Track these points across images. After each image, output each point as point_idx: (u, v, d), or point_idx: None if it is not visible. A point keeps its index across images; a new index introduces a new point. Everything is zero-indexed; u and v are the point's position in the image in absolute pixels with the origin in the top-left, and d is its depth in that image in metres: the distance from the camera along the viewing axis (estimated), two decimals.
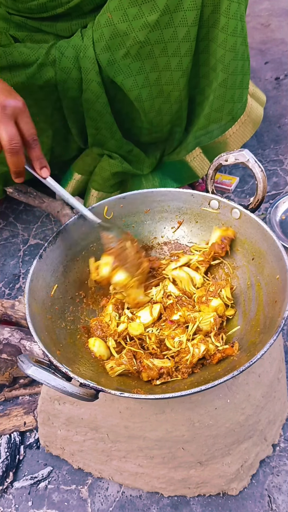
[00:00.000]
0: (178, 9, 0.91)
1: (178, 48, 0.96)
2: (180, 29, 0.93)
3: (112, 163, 1.12)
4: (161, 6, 0.89)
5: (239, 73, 1.02)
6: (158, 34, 0.93)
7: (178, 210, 0.93)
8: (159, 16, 0.90)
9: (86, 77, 1.02)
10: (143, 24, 0.92)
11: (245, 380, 0.80)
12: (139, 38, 0.93)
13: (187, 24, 0.93)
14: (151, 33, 0.92)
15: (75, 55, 1.02)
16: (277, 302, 0.74)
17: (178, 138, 1.16)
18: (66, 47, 1.01)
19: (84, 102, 1.06)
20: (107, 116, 1.07)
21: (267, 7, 2.15)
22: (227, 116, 1.09)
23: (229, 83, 1.02)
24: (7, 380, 1.02)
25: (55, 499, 0.87)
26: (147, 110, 1.06)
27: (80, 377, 0.67)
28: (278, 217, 1.25)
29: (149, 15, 0.91)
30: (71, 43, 1.01)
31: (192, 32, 0.94)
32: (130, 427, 0.79)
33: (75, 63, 1.02)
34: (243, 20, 0.96)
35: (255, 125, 1.23)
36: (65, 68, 1.02)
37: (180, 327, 0.80)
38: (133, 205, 0.94)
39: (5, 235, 1.38)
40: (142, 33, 0.93)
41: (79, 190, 1.28)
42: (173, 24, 0.92)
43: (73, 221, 0.89)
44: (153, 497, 0.86)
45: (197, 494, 0.84)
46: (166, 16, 0.91)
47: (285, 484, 0.85)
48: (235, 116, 1.11)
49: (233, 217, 0.88)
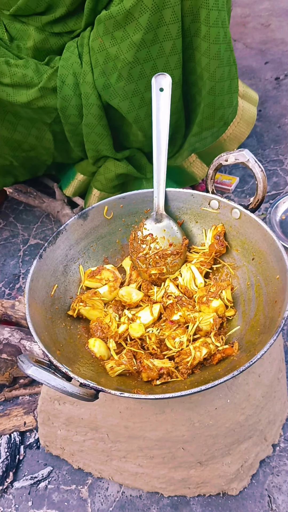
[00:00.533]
0: (160, 24, 0.90)
1: (167, 62, 0.96)
2: (166, 44, 0.93)
3: (118, 164, 1.13)
4: (144, 24, 0.89)
5: (226, 79, 1.02)
6: (146, 52, 0.93)
7: (178, 210, 0.93)
8: (143, 34, 0.90)
9: (86, 102, 1.03)
10: (129, 44, 0.92)
11: (245, 380, 0.80)
12: (127, 59, 0.94)
13: (172, 38, 0.93)
14: (139, 52, 0.93)
15: (75, 82, 1.03)
16: (277, 302, 0.74)
17: (179, 144, 1.16)
18: (66, 75, 1.03)
19: (84, 127, 1.07)
20: (107, 138, 1.08)
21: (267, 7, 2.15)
22: (219, 122, 1.09)
23: (217, 90, 1.02)
24: (7, 380, 1.02)
25: (55, 499, 0.87)
26: (146, 128, 1.06)
27: (80, 377, 0.67)
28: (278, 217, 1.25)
29: (134, 34, 0.91)
30: (71, 70, 1.03)
31: (178, 45, 0.94)
32: (130, 427, 0.79)
33: (76, 90, 1.04)
34: (225, 26, 0.95)
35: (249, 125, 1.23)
36: (66, 96, 1.04)
37: (180, 327, 0.80)
38: (134, 205, 0.94)
39: (5, 235, 1.38)
40: (129, 53, 0.93)
41: (81, 190, 1.28)
42: (158, 40, 0.92)
43: (73, 221, 0.89)
44: (153, 497, 0.86)
45: (197, 494, 0.84)
46: (150, 33, 0.91)
47: (285, 484, 0.85)
48: (227, 121, 1.11)
49: (233, 217, 0.88)
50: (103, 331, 0.82)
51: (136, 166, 1.17)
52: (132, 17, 0.89)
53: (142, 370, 0.75)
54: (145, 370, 0.75)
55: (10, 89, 1.02)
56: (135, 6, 0.88)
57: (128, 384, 0.75)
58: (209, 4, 0.90)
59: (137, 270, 0.91)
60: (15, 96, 1.02)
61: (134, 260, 0.90)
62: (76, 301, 0.85)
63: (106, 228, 0.94)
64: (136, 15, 0.89)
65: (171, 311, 0.82)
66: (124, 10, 0.89)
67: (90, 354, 0.80)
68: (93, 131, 1.06)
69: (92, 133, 1.07)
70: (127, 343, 0.80)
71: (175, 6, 0.89)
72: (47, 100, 1.05)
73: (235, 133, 1.19)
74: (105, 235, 0.94)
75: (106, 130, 1.07)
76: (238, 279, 0.87)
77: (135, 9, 0.88)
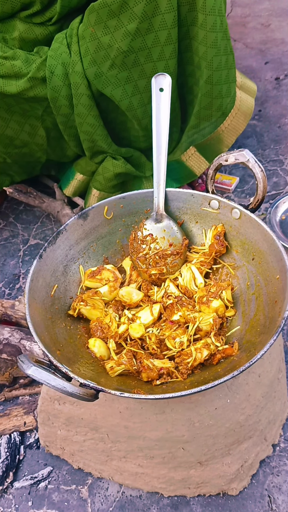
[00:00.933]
0: (155, 13, 0.91)
1: (162, 52, 0.96)
2: (161, 33, 0.93)
3: (116, 163, 1.13)
4: (139, 13, 0.90)
5: (224, 68, 1.02)
6: (141, 41, 0.94)
7: (178, 210, 0.93)
8: (139, 23, 0.91)
9: (76, 92, 1.03)
10: (124, 33, 0.92)
11: (245, 380, 0.80)
12: (122, 48, 0.94)
13: (167, 27, 0.93)
14: (133, 41, 0.93)
15: (64, 72, 1.03)
16: (277, 302, 0.74)
17: (176, 138, 1.16)
18: (55, 65, 1.02)
19: (76, 117, 1.07)
20: (100, 128, 1.08)
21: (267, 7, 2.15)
22: (217, 112, 1.09)
23: (215, 79, 1.02)
24: (7, 380, 1.02)
25: (55, 499, 0.87)
26: (140, 117, 1.06)
27: (80, 377, 0.67)
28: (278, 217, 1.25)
29: (129, 23, 0.91)
30: (60, 60, 1.03)
31: (173, 34, 0.94)
32: (130, 427, 0.79)
33: (65, 80, 1.03)
34: (221, 14, 0.95)
35: (246, 116, 1.22)
36: (55, 87, 1.04)
37: (180, 327, 0.80)
38: (134, 205, 0.94)
39: (5, 235, 1.38)
40: (124, 42, 0.93)
41: (80, 190, 1.28)
42: (154, 29, 0.93)
43: (73, 221, 0.89)
44: (153, 497, 0.86)
45: (197, 494, 0.84)
46: (145, 22, 0.91)
47: (285, 484, 0.85)
48: (225, 111, 1.11)
49: (233, 217, 0.88)
50: (103, 331, 0.82)
51: (135, 164, 1.16)
52: (127, 6, 0.89)
53: (142, 370, 0.75)
54: (145, 370, 0.75)
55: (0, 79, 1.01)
56: None
57: (128, 384, 0.75)
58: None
59: (137, 270, 0.91)
60: (5, 86, 1.01)
61: (134, 260, 0.90)
62: (77, 301, 0.85)
63: (106, 228, 0.94)
64: (131, 5, 0.89)
65: (171, 311, 0.82)
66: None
67: (90, 354, 0.80)
68: (85, 121, 1.06)
69: (84, 123, 1.06)
70: (127, 343, 0.80)
71: None
72: (37, 90, 1.04)
73: (233, 124, 1.19)
74: (105, 235, 0.94)
75: (98, 120, 1.06)
76: (238, 279, 0.87)
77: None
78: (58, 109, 1.07)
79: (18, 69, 1.01)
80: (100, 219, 0.92)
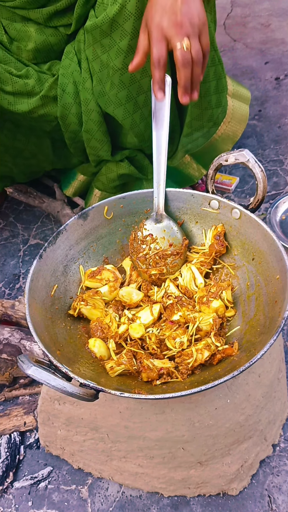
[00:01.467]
0: None
1: None
2: None
3: (120, 164, 1.13)
4: (129, 29, 0.89)
5: (212, 79, 1.02)
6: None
7: (178, 210, 0.93)
8: (130, 39, 0.90)
9: (86, 108, 1.03)
10: (117, 51, 0.92)
11: (245, 380, 0.80)
12: (117, 65, 0.94)
13: None
14: (127, 58, 0.92)
15: (75, 91, 1.03)
16: (277, 302, 0.74)
17: (176, 143, 1.16)
18: (67, 83, 1.03)
19: (84, 134, 1.07)
20: (107, 144, 1.08)
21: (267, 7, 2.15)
22: (208, 123, 1.09)
23: (203, 91, 1.02)
24: (7, 380, 1.02)
25: (55, 499, 0.87)
26: (143, 130, 1.06)
27: (80, 377, 0.67)
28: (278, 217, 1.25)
29: (120, 41, 0.91)
30: (71, 79, 1.03)
31: None
32: (130, 427, 0.79)
33: (76, 98, 1.04)
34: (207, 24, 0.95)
35: (241, 124, 1.22)
36: (66, 104, 1.04)
37: (180, 327, 0.80)
38: (134, 205, 0.94)
39: (5, 235, 1.38)
40: (118, 60, 0.93)
41: (81, 190, 1.28)
42: None
43: (73, 221, 0.89)
44: (153, 497, 0.86)
45: (197, 494, 0.84)
46: (136, 38, 0.90)
47: (285, 484, 0.85)
48: (217, 121, 1.11)
49: (233, 217, 0.88)
50: (103, 331, 0.82)
51: (138, 166, 1.17)
52: (117, 25, 0.89)
53: (142, 370, 0.75)
54: (145, 370, 0.75)
55: (11, 97, 1.02)
56: (119, 14, 0.88)
57: (128, 384, 0.75)
58: None
59: (137, 270, 0.91)
60: (16, 105, 1.02)
61: (134, 260, 0.90)
62: (77, 300, 0.85)
63: (106, 228, 0.94)
64: (120, 22, 0.89)
65: (171, 311, 0.82)
66: (108, 18, 0.89)
67: (90, 354, 0.80)
68: (93, 137, 1.07)
69: (92, 139, 1.07)
70: (127, 343, 0.80)
71: None
72: (48, 109, 1.05)
73: (227, 133, 1.19)
74: (105, 235, 0.94)
75: (106, 137, 1.07)
76: (238, 279, 0.87)
77: (119, 16, 0.88)
78: (67, 126, 1.08)
79: (31, 88, 1.02)
80: (100, 219, 0.93)
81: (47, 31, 1.04)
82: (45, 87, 1.03)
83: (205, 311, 0.81)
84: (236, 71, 1.84)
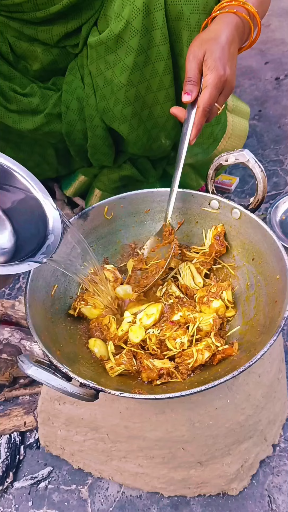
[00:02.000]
0: (151, 45, 0.90)
1: (161, 82, 0.95)
2: (158, 64, 0.93)
3: (122, 166, 1.13)
4: (135, 46, 0.89)
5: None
6: (139, 74, 0.93)
7: (178, 210, 0.93)
8: (135, 56, 0.90)
9: (91, 124, 1.03)
10: (122, 67, 0.92)
11: (245, 380, 0.80)
12: (122, 82, 0.93)
13: (164, 58, 0.92)
14: (132, 74, 0.92)
15: (79, 107, 1.04)
16: (277, 302, 0.74)
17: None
18: (70, 100, 1.03)
19: (89, 148, 1.08)
20: (111, 156, 1.09)
21: None
22: (208, 140, 1.10)
23: None
24: (7, 380, 1.02)
25: (55, 499, 0.87)
26: (145, 142, 1.06)
27: (80, 377, 0.67)
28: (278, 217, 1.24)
29: (126, 57, 0.91)
30: (75, 95, 1.03)
31: (169, 64, 0.94)
32: (130, 427, 0.79)
33: (80, 115, 1.04)
34: None
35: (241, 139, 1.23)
36: (70, 121, 1.04)
37: (181, 328, 0.80)
38: (133, 205, 0.94)
39: None
40: (123, 76, 0.93)
41: (81, 190, 1.28)
42: (150, 61, 0.92)
43: (73, 221, 0.89)
44: (153, 497, 0.86)
45: (197, 494, 0.84)
46: (141, 55, 0.90)
47: (285, 484, 0.85)
48: (216, 138, 1.11)
49: (233, 217, 0.88)
50: (102, 332, 0.82)
51: (140, 169, 1.17)
52: (122, 41, 0.89)
53: (142, 370, 0.75)
54: (145, 370, 0.75)
55: (16, 115, 1.02)
56: (125, 30, 0.87)
57: (128, 384, 0.75)
58: (190, 26, 0.89)
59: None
60: (21, 123, 1.02)
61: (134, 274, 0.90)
62: (77, 300, 0.85)
63: (106, 228, 0.94)
64: (126, 39, 0.88)
65: (171, 311, 0.82)
66: (114, 35, 0.88)
67: (90, 354, 0.80)
68: (98, 151, 1.07)
69: (97, 153, 1.08)
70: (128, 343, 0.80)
71: (163, 27, 0.89)
72: (53, 126, 1.05)
73: (227, 148, 1.19)
74: (105, 235, 0.94)
75: (111, 149, 1.07)
76: (238, 279, 0.87)
77: (124, 33, 0.88)
78: (73, 141, 1.08)
79: (36, 106, 1.02)
80: (100, 219, 0.93)
81: (54, 51, 1.03)
82: (49, 104, 1.03)
83: (206, 311, 0.81)
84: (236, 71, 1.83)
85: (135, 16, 0.86)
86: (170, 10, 0.88)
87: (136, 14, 0.86)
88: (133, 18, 0.86)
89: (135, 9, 0.86)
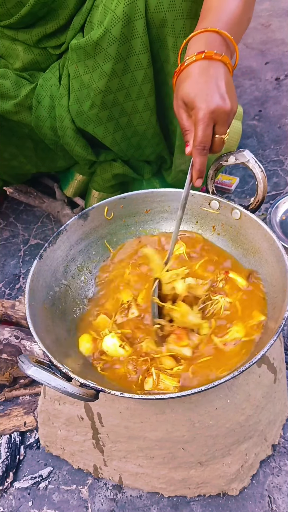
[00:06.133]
0: (130, 54, 0.90)
1: (140, 90, 0.95)
2: (137, 73, 0.92)
3: (114, 165, 1.13)
4: (113, 53, 0.89)
5: None
6: (118, 82, 0.93)
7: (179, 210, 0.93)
8: (113, 64, 0.90)
9: (61, 124, 1.03)
10: (100, 73, 0.92)
11: (245, 380, 0.80)
12: (99, 88, 0.93)
13: (143, 67, 0.92)
14: (110, 81, 0.92)
15: (51, 105, 1.03)
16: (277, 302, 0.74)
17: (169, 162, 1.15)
18: (43, 96, 1.02)
19: (64, 145, 1.07)
20: (90, 155, 1.08)
21: (268, 8, 2.16)
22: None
23: None
24: (7, 380, 1.02)
25: (55, 499, 0.87)
26: (125, 149, 1.06)
27: (80, 377, 0.67)
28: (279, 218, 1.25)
29: (104, 64, 0.90)
30: (48, 92, 1.02)
31: (149, 73, 0.93)
32: (130, 427, 0.79)
33: (51, 112, 1.03)
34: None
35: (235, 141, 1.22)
36: (40, 117, 1.04)
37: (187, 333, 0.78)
38: (134, 205, 0.94)
39: (5, 235, 1.38)
40: (101, 82, 0.92)
41: (80, 190, 1.28)
42: (130, 69, 0.92)
43: (73, 221, 0.90)
44: (153, 497, 0.86)
45: (197, 495, 0.84)
46: (120, 63, 0.90)
47: (285, 484, 0.85)
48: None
49: (233, 217, 0.88)
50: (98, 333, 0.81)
51: (133, 166, 1.16)
52: (100, 48, 0.89)
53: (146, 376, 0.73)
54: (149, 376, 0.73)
55: None
56: (103, 38, 0.87)
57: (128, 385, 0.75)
58: (175, 32, 0.88)
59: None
60: None
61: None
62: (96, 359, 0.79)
63: (106, 228, 0.94)
64: (104, 46, 0.88)
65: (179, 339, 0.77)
66: (92, 41, 0.88)
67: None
68: (73, 149, 1.07)
69: (74, 150, 1.07)
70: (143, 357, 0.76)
71: (143, 36, 0.88)
72: (22, 116, 1.04)
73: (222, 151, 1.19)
74: (106, 235, 0.94)
75: (86, 150, 1.07)
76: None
77: (103, 40, 0.87)
78: (44, 136, 1.07)
79: (6, 90, 1.01)
80: (100, 219, 0.93)
81: (35, 50, 1.03)
82: (21, 93, 1.02)
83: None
84: (236, 72, 1.84)
85: (114, 24, 0.86)
86: (154, 18, 0.87)
87: (115, 22, 0.86)
88: (112, 26, 0.86)
89: (115, 17, 0.86)
